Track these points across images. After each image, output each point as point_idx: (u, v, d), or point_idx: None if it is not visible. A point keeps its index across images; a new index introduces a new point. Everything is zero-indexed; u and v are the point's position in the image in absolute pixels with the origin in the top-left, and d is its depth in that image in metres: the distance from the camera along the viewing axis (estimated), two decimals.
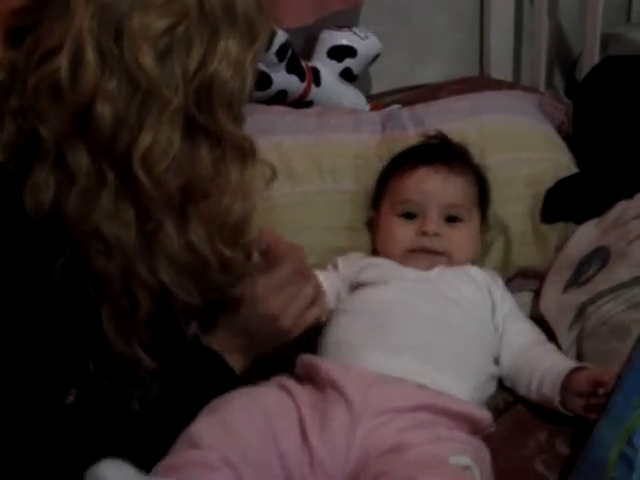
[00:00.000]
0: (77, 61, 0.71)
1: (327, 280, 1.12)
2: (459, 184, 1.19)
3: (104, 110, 0.72)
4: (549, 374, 1.03)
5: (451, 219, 1.17)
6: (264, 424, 0.88)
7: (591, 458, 0.89)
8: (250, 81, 0.80)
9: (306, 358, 1.02)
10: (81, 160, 0.74)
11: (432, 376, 0.99)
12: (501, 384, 1.10)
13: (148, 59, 0.72)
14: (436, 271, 1.13)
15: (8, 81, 0.75)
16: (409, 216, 1.17)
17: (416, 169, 1.19)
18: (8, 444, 0.76)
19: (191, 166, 0.78)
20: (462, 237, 1.17)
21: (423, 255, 1.15)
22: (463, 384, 1.01)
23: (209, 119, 0.78)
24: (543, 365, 1.05)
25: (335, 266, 1.20)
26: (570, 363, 1.05)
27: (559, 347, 1.12)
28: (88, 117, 0.72)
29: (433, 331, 1.05)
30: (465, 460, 0.86)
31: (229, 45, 0.77)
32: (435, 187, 1.17)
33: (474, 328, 1.08)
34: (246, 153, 0.83)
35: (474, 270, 1.16)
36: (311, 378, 0.99)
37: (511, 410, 1.08)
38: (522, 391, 1.07)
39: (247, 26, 0.79)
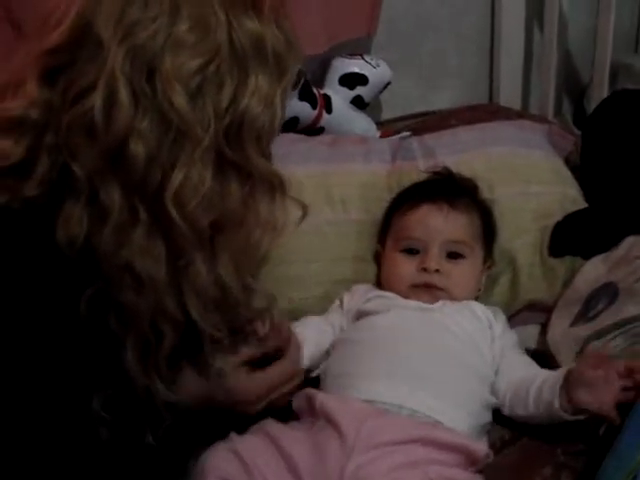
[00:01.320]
0: (110, 101, 0.73)
1: (330, 318, 1.18)
2: (461, 221, 1.20)
3: (137, 149, 0.74)
4: (546, 383, 1.04)
5: (452, 255, 1.18)
6: (248, 467, 0.91)
7: None
8: (280, 116, 0.82)
9: (302, 392, 1.04)
10: (114, 197, 0.75)
11: (428, 403, 1.01)
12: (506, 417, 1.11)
13: (180, 99, 0.74)
14: (439, 304, 1.15)
15: (43, 119, 0.76)
16: (411, 252, 1.19)
17: (419, 206, 1.21)
18: None
19: (221, 201, 0.79)
20: (463, 273, 1.18)
21: (424, 290, 1.16)
22: (458, 410, 1.02)
23: (239, 155, 0.79)
24: (538, 379, 1.06)
25: (341, 302, 1.22)
26: (563, 368, 1.05)
27: None
28: (121, 155, 0.74)
29: (430, 358, 1.07)
30: None
31: (259, 81, 0.79)
32: (436, 224, 1.19)
33: (471, 358, 1.10)
34: (275, 188, 0.84)
35: (476, 305, 1.17)
36: (308, 410, 1.02)
37: (517, 442, 1.08)
38: (520, 411, 1.07)
39: (276, 62, 0.80)
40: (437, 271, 1.16)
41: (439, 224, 1.19)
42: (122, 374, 0.83)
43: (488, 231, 1.25)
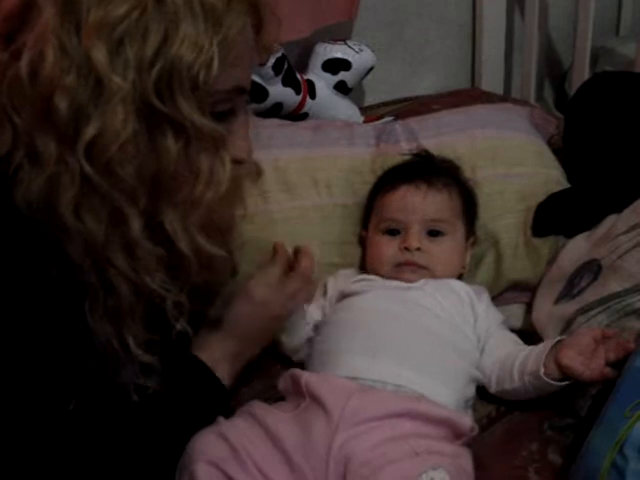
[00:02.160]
0: (38, 58, 0.75)
1: (314, 302, 1.20)
2: (440, 199, 1.21)
3: (60, 102, 0.74)
4: (531, 354, 1.06)
5: (433, 233, 1.19)
6: (237, 451, 0.92)
7: (584, 467, 0.91)
8: (215, 68, 0.78)
9: (288, 371, 1.05)
10: (49, 150, 0.76)
11: (410, 377, 1.02)
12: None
13: (98, 51, 0.74)
14: (419, 283, 1.16)
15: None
16: (393, 233, 1.20)
17: (398, 187, 1.22)
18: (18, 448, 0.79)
19: (156, 156, 0.79)
20: (445, 250, 1.19)
21: (407, 268, 1.17)
22: (441, 385, 1.03)
23: (172, 107, 0.77)
24: (523, 353, 1.08)
25: (325, 287, 1.23)
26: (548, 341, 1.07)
27: None
28: (49, 109, 0.75)
29: (410, 335, 1.08)
30: (440, 474, 0.88)
31: (189, 30, 0.76)
32: (415, 203, 1.19)
33: (451, 334, 1.10)
34: (215, 142, 0.82)
35: (457, 284, 1.18)
36: (294, 390, 1.02)
37: (503, 419, 1.10)
38: (507, 385, 1.08)
39: (207, 12, 0.78)
40: (418, 249, 1.17)
41: (418, 203, 1.20)
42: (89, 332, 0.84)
43: (469, 208, 1.26)
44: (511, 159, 1.38)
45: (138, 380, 0.92)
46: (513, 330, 1.20)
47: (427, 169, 1.25)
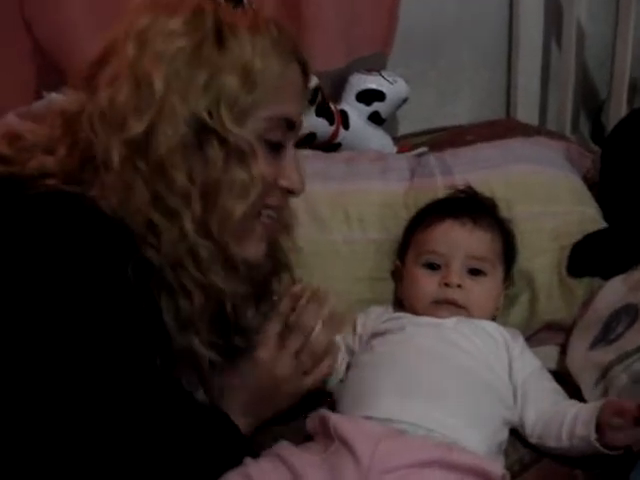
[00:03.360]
0: (114, 87, 0.90)
1: (343, 340, 1.17)
2: (484, 238, 1.20)
3: (133, 122, 0.89)
4: (580, 415, 1.03)
5: (474, 272, 1.18)
6: None
7: None
8: (257, 97, 0.92)
9: (316, 413, 1.04)
10: (120, 157, 0.88)
11: (443, 420, 1.00)
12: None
13: (157, 78, 0.89)
14: (452, 320, 1.15)
15: (77, 114, 0.92)
16: (433, 267, 1.19)
17: (442, 221, 1.21)
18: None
19: (204, 164, 0.90)
20: (484, 290, 1.18)
21: (445, 307, 1.16)
22: (474, 429, 1.02)
23: (218, 123, 0.90)
24: (572, 411, 1.05)
25: (354, 325, 1.21)
26: (596, 402, 1.05)
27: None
28: (124, 127, 0.89)
29: (444, 375, 1.06)
30: None
31: (237, 64, 0.91)
32: (460, 239, 1.19)
33: (485, 376, 1.09)
34: (246, 155, 0.92)
35: (491, 325, 1.16)
36: (323, 432, 1.01)
37: (536, 465, 1.07)
38: (552, 443, 1.06)
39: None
40: (459, 286, 1.16)
41: (462, 239, 1.19)
42: (165, 336, 0.92)
43: (509, 251, 1.25)
44: (546, 196, 1.37)
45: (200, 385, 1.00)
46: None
47: (472, 206, 1.24)
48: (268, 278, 1.11)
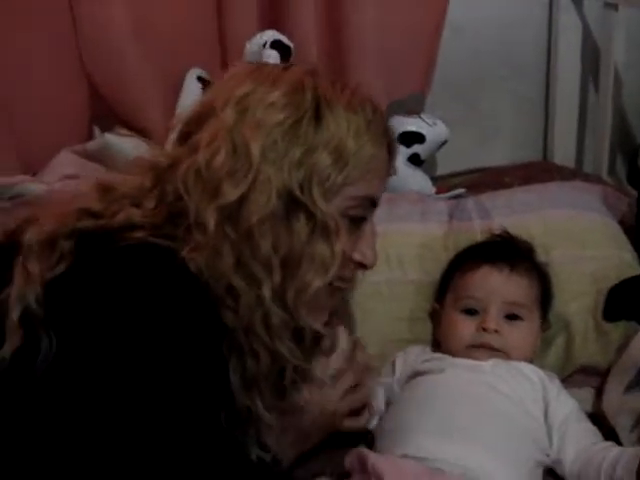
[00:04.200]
0: (213, 152, 0.92)
1: (382, 380, 1.22)
2: (521, 283, 1.22)
3: (228, 187, 0.90)
4: (622, 458, 1.04)
5: (511, 317, 1.20)
6: None
7: None
8: (348, 176, 0.94)
9: (355, 450, 1.07)
10: (212, 221, 0.90)
11: (479, 461, 1.02)
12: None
13: (255, 146, 0.91)
14: (490, 363, 1.17)
15: (169, 168, 0.95)
16: (471, 312, 1.21)
17: (480, 266, 1.24)
18: None
19: (289, 235, 0.92)
20: (521, 335, 1.20)
21: (482, 350, 1.18)
22: (509, 470, 1.03)
23: (308, 198, 0.92)
24: (612, 453, 1.06)
25: (393, 365, 1.25)
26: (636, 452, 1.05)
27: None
28: (217, 190, 0.90)
29: (482, 417, 1.09)
30: None
31: (331, 144, 0.93)
32: (497, 285, 1.21)
33: (522, 419, 1.11)
34: (331, 231, 0.93)
35: (529, 368, 1.18)
36: (360, 470, 1.03)
37: None
38: None
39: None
40: (496, 332, 1.18)
41: (499, 285, 1.21)
42: (230, 394, 0.94)
43: (546, 295, 1.27)
44: (583, 240, 1.39)
45: (259, 441, 1.01)
46: None
47: (509, 251, 1.27)
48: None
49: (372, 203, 1.00)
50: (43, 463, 0.84)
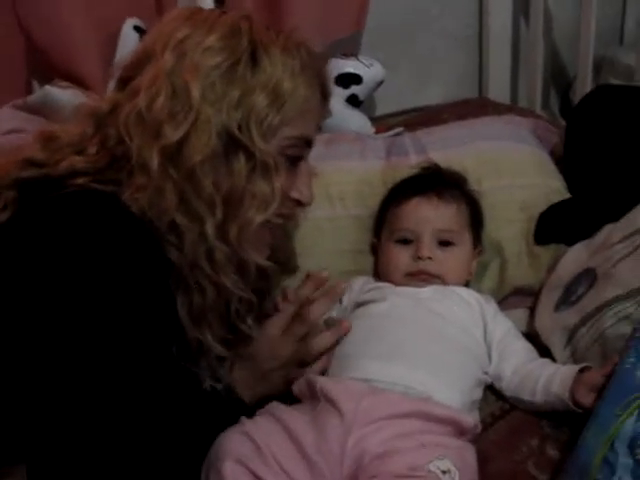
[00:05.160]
0: (153, 96, 0.95)
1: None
2: (450, 210, 1.28)
3: (168, 128, 0.95)
4: (557, 374, 1.11)
5: (444, 243, 1.26)
6: (260, 449, 0.99)
7: (577, 462, 0.97)
8: (284, 116, 0.99)
9: (303, 378, 1.12)
10: (154, 161, 0.94)
11: (421, 381, 1.08)
12: (497, 393, 1.19)
13: (195, 89, 0.95)
14: (429, 289, 1.23)
15: (110, 114, 0.99)
16: (405, 242, 1.27)
17: (410, 199, 1.29)
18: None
19: (230, 174, 0.97)
20: (455, 260, 1.26)
21: (419, 278, 1.24)
22: (449, 387, 1.09)
23: (247, 138, 0.97)
24: (548, 370, 1.13)
25: (340, 298, 1.29)
26: (574, 365, 1.13)
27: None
28: (159, 133, 0.94)
29: (423, 340, 1.14)
30: (445, 464, 0.96)
31: (267, 86, 0.98)
32: (427, 214, 1.26)
33: (461, 338, 1.17)
34: (270, 169, 0.99)
35: (465, 292, 1.25)
36: (309, 394, 1.09)
37: (506, 417, 1.16)
38: (526, 397, 1.14)
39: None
40: (430, 258, 1.24)
41: (429, 214, 1.26)
42: (179, 328, 0.99)
43: (475, 219, 1.33)
44: (514, 170, 1.45)
45: (213, 373, 1.06)
46: None
47: (437, 182, 1.32)
48: (270, 285, 1.19)
49: (307, 143, 1.06)
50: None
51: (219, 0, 1.56)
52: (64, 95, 1.55)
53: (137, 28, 1.61)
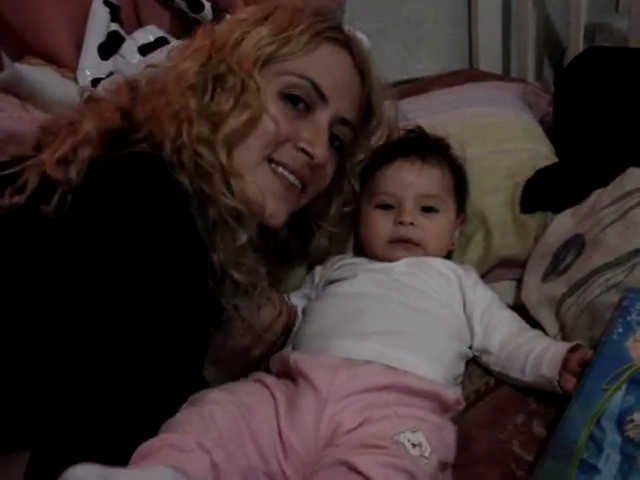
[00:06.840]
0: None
1: (302, 290, 1.25)
2: (433, 175, 1.22)
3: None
4: (547, 354, 1.05)
5: (426, 209, 1.20)
6: (241, 416, 0.90)
7: (563, 439, 0.92)
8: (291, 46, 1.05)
9: (278, 354, 1.08)
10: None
11: (398, 357, 1.02)
12: (484, 369, 1.14)
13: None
14: (402, 262, 1.17)
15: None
16: (386, 207, 1.21)
17: (392, 162, 1.23)
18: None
19: (216, 105, 1.02)
20: (438, 227, 1.21)
21: (400, 245, 1.19)
22: (429, 363, 1.03)
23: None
24: (537, 347, 1.08)
25: (312, 275, 1.25)
26: (565, 343, 1.07)
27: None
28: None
29: (397, 315, 1.09)
30: (417, 437, 0.90)
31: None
32: (410, 178, 1.21)
33: (439, 311, 1.11)
34: (259, 96, 1.02)
35: (441, 263, 1.19)
36: (284, 371, 1.04)
37: (491, 394, 1.11)
38: (514, 374, 1.09)
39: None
40: (412, 224, 1.18)
41: (412, 178, 1.21)
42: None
43: (460, 186, 1.27)
44: (499, 136, 1.40)
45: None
46: None
47: (421, 145, 1.26)
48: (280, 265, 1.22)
49: (318, 92, 1.06)
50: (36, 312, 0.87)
51: None
52: (35, 72, 1.50)
53: (107, 3, 1.57)
